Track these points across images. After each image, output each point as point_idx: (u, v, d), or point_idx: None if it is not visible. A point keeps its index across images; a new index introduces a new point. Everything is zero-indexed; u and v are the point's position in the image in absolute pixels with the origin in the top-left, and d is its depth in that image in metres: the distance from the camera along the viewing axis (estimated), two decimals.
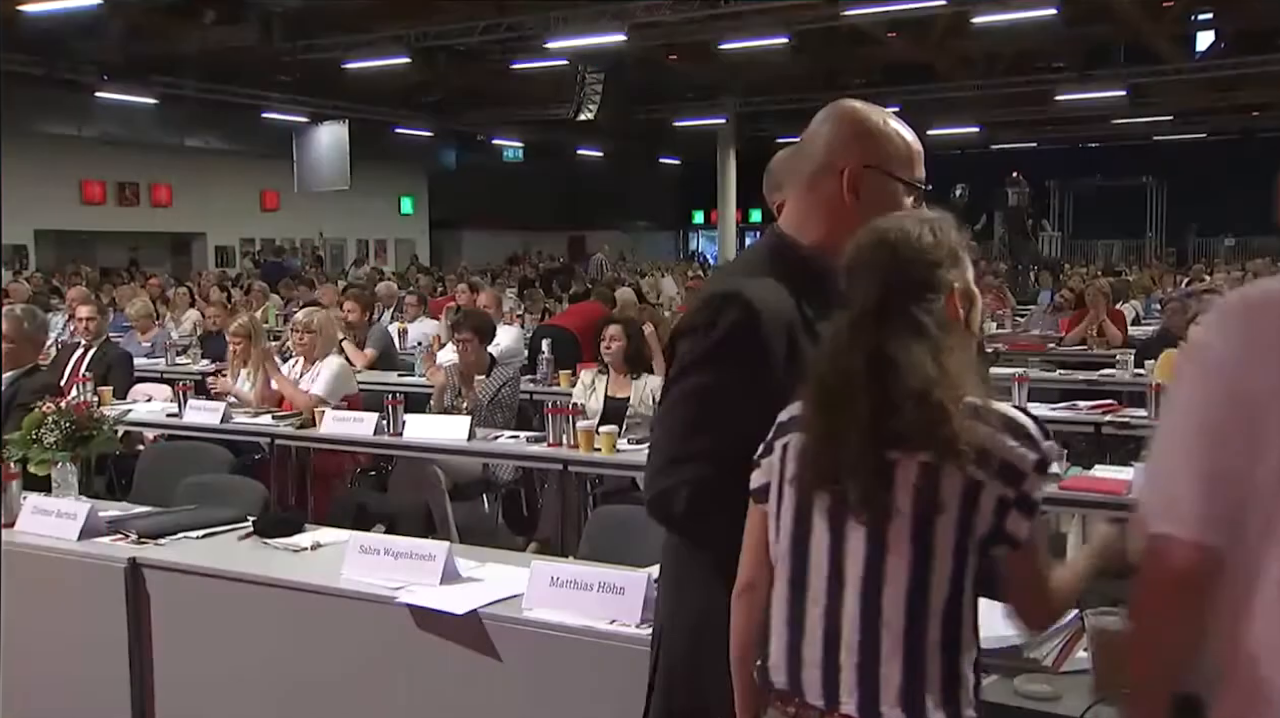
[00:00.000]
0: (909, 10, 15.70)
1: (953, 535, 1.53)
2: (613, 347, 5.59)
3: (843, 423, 1.55)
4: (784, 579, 1.63)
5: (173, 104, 20.98)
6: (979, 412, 1.54)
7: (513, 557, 3.38)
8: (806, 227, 1.86)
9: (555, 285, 14.26)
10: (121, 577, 3.14)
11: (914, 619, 1.53)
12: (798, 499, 1.62)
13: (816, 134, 1.88)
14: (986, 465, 1.52)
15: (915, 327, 1.56)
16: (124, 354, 7.02)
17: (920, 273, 1.60)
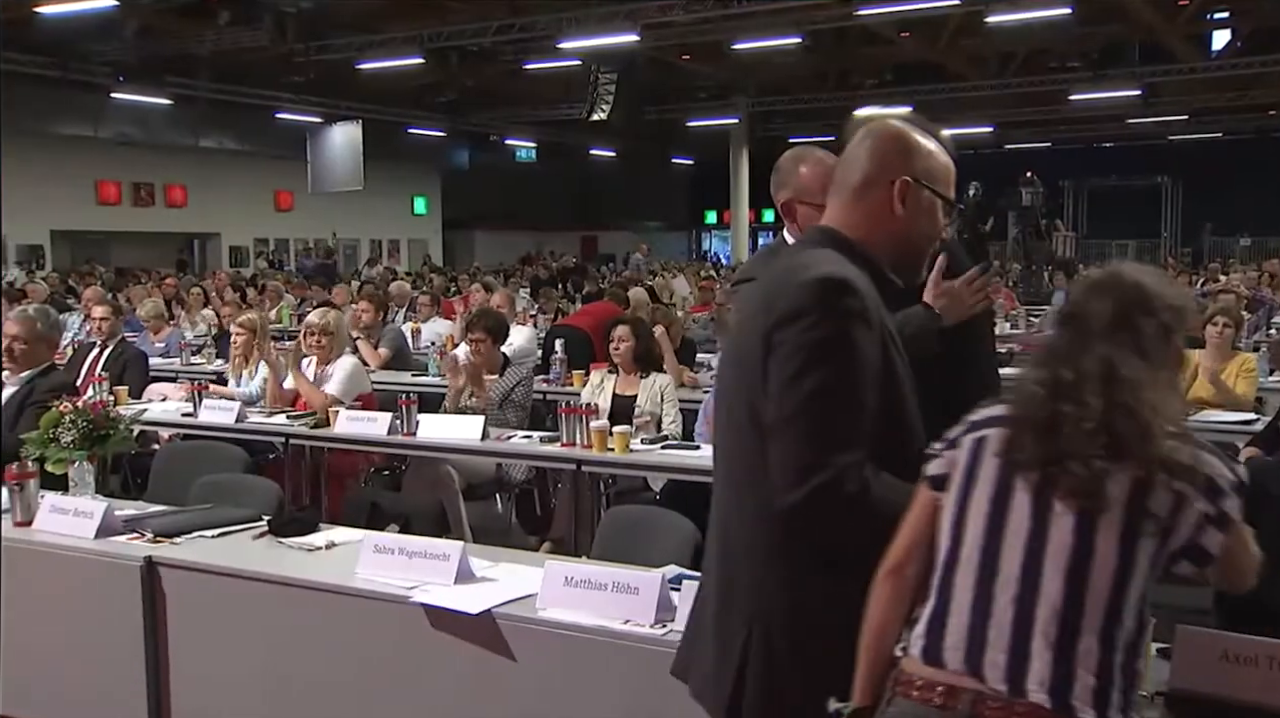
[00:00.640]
0: (921, 10, 15.65)
1: (1154, 544, 1.59)
2: (621, 347, 5.59)
3: (1074, 416, 1.61)
4: (972, 561, 1.64)
5: (187, 105, 21.08)
6: (1185, 435, 1.63)
7: (526, 557, 3.39)
8: (853, 229, 1.93)
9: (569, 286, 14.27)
10: (137, 575, 3.15)
11: (1111, 618, 1.57)
12: (996, 488, 1.66)
13: (863, 148, 1.96)
14: (1193, 482, 1.59)
15: (1141, 350, 1.66)
16: (139, 354, 7.05)
17: (1154, 307, 1.68)
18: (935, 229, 1.97)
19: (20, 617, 3.39)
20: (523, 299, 12.36)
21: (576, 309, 11.03)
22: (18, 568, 3.39)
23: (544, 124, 27.34)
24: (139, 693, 3.17)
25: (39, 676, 3.37)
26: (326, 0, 16.61)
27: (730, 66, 22.12)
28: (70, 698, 3.34)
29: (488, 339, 5.84)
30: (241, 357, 6.40)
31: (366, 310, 7.84)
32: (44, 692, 3.38)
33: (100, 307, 7.19)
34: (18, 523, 3.46)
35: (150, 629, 3.15)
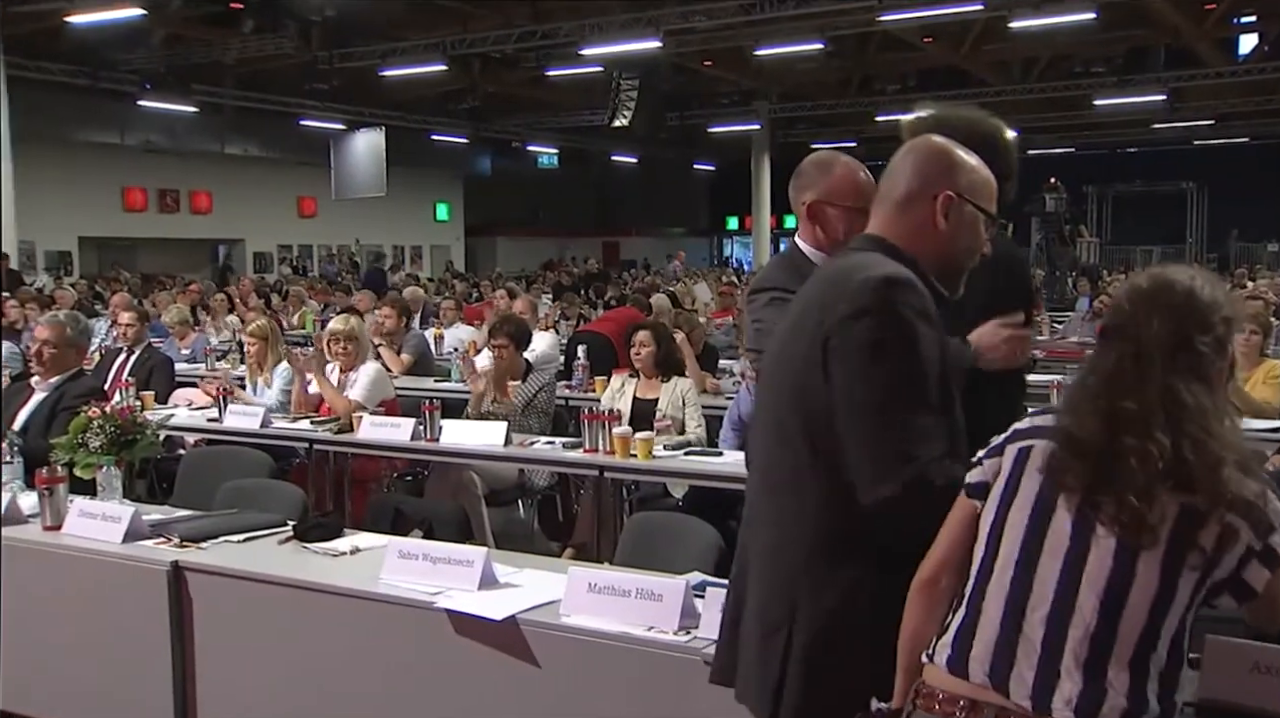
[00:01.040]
0: (945, 15, 15.60)
1: (1196, 575, 1.55)
2: (642, 352, 5.59)
3: (1139, 450, 1.56)
4: (1005, 575, 1.62)
5: (212, 112, 21.27)
6: (1244, 465, 1.58)
7: (549, 563, 3.39)
8: (899, 241, 1.95)
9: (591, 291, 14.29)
10: (164, 580, 3.18)
11: (1145, 646, 1.54)
12: (1038, 503, 1.62)
13: (906, 161, 1.99)
14: (1245, 516, 1.55)
15: (1201, 373, 1.60)
16: (165, 359, 7.11)
17: (1211, 322, 1.62)
18: (977, 243, 1.99)
19: (49, 620, 3.42)
20: (545, 305, 12.38)
21: (599, 315, 11.05)
22: (47, 571, 3.43)
23: (566, 130, 27.43)
24: (165, 697, 3.19)
25: (67, 679, 3.40)
26: (350, 8, 16.72)
27: (752, 72, 22.12)
28: (97, 701, 3.36)
29: (510, 345, 5.85)
30: (256, 364, 6.41)
31: (389, 316, 7.87)
32: (72, 695, 3.41)
33: (127, 313, 7.25)
34: (47, 527, 3.49)
35: (176, 633, 3.17)
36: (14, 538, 3.50)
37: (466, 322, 10.08)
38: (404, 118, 23.67)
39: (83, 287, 15.55)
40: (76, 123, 20.10)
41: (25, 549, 3.46)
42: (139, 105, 19.48)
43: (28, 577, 3.46)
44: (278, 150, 24.05)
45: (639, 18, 16.32)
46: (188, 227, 23.85)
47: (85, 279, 18.16)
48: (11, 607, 3.49)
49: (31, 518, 3.59)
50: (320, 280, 19.08)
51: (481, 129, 25.61)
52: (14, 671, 3.49)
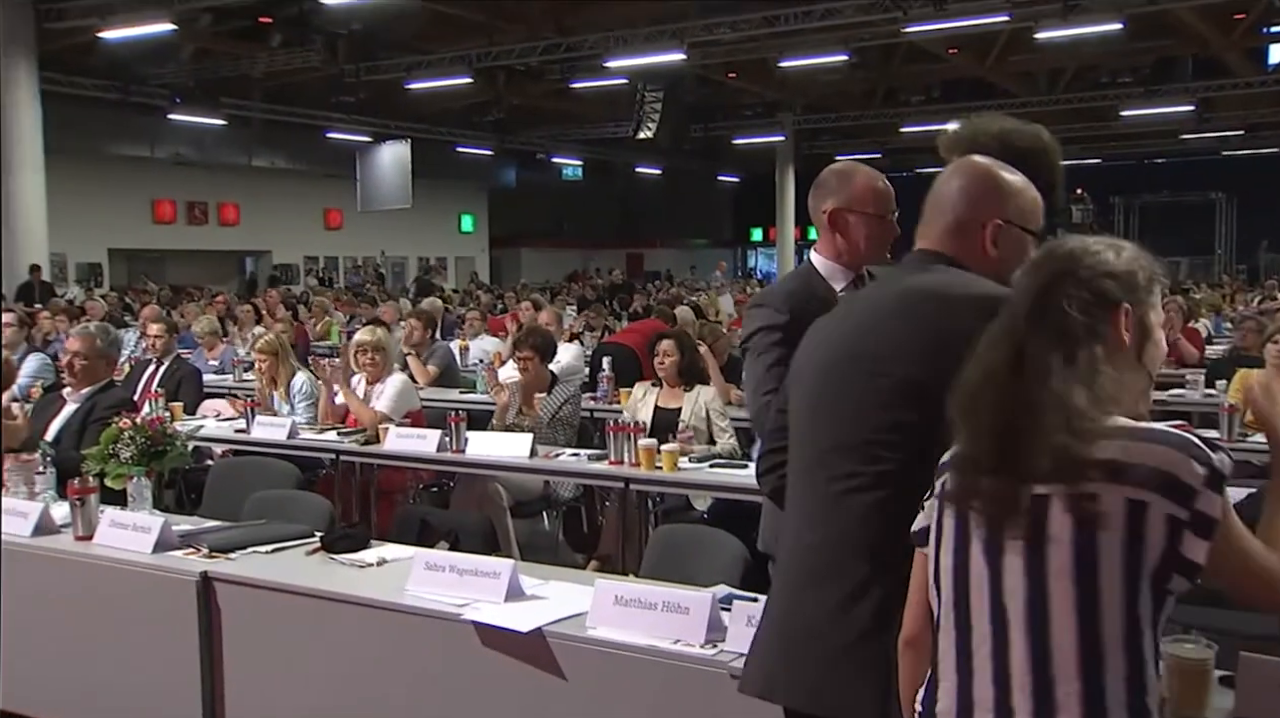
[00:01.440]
0: (971, 27, 15.56)
1: (1119, 563, 1.42)
2: (666, 362, 5.59)
3: (981, 435, 1.49)
4: (949, 620, 1.55)
5: (240, 125, 21.48)
6: (1133, 431, 1.45)
7: (576, 575, 3.39)
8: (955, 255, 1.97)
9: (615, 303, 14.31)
10: (194, 590, 3.20)
11: (1087, 659, 1.43)
12: (955, 534, 1.55)
13: (954, 187, 1.98)
14: (1146, 483, 1.41)
15: (1067, 333, 1.49)
16: (193, 371, 7.16)
17: (1088, 278, 1.52)
18: (1023, 260, 1.94)
19: (80, 629, 3.45)
20: (569, 316, 12.40)
21: (623, 327, 11.06)
22: (78, 581, 3.46)
23: (590, 142, 27.54)
24: (194, 706, 3.20)
25: (96, 687, 3.43)
26: (377, 21, 16.86)
27: (776, 84, 22.14)
28: (127, 711, 3.38)
29: (536, 357, 5.87)
30: (269, 379, 6.35)
31: (416, 328, 7.91)
32: (102, 704, 3.44)
33: (156, 324, 7.31)
34: (79, 537, 3.52)
35: (205, 644, 3.19)
36: (46, 548, 3.54)
37: (491, 333, 10.11)
38: (429, 130, 23.83)
39: (113, 298, 15.71)
40: (108, 136, 20.36)
41: (57, 559, 3.49)
42: (169, 119, 19.71)
43: (59, 586, 3.50)
44: (304, 163, 24.26)
45: (663, 30, 16.38)
46: (216, 238, 24.08)
47: (115, 291, 18.35)
48: (43, 616, 3.53)
49: (63, 528, 3.62)
50: (346, 292, 19.19)
51: (506, 141, 25.75)
52: (45, 678, 3.52)
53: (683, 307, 10.86)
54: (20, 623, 3.55)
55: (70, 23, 14.80)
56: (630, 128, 21.44)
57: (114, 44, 15.60)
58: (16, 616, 3.56)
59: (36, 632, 3.53)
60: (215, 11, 15.54)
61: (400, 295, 17.97)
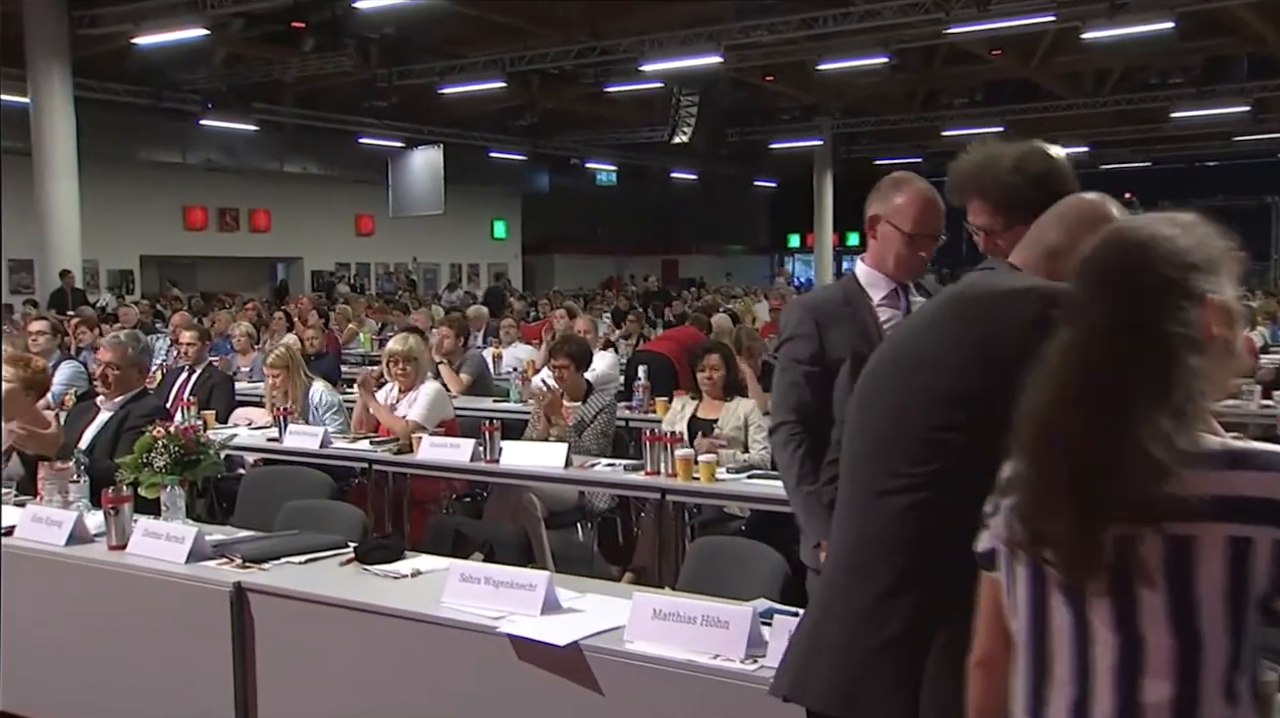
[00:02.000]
0: (1015, 28, 15.46)
1: (1222, 605, 1.30)
2: (714, 376, 5.58)
3: (1053, 474, 1.34)
4: (1025, 659, 1.44)
5: (272, 131, 21.72)
6: (1231, 456, 1.32)
7: (612, 588, 3.40)
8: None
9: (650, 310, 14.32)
10: (227, 600, 3.23)
11: (1182, 713, 1.32)
12: (1030, 575, 1.41)
13: (1058, 217, 1.96)
14: (1252, 516, 1.29)
15: (1159, 348, 1.32)
16: (225, 378, 7.25)
17: (1176, 277, 1.35)
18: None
19: (113, 639, 3.50)
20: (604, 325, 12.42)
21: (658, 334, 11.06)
22: (112, 590, 3.50)
23: (625, 147, 27.62)
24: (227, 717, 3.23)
25: (129, 697, 3.47)
26: (409, 25, 17.00)
27: (815, 87, 22.11)
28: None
29: (571, 365, 5.88)
30: (282, 394, 6.30)
31: (447, 336, 7.95)
32: (135, 714, 3.47)
33: (188, 332, 7.41)
34: (113, 547, 3.56)
35: (239, 655, 3.22)
36: (80, 557, 3.59)
37: (525, 341, 10.15)
38: (462, 135, 23.99)
39: (144, 305, 15.92)
40: (140, 142, 20.67)
41: (91, 568, 3.54)
42: (200, 125, 19.98)
43: (93, 596, 3.54)
44: (336, 168, 24.48)
45: (699, 33, 16.40)
46: (247, 245, 24.34)
47: (147, 298, 18.59)
48: (76, 625, 3.57)
49: (97, 537, 3.67)
50: (377, 299, 19.33)
51: (540, 146, 25.87)
52: (77, 688, 3.57)
53: (720, 314, 10.85)
54: (53, 632, 3.60)
55: (104, 29, 15.04)
56: (665, 132, 21.49)
57: (147, 49, 15.85)
58: (49, 624, 3.62)
59: (69, 641, 3.58)
60: (247, 16, 15.74)
61: (433, 302, 18.08)
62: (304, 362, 6.79)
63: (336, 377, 8.34)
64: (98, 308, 14.43)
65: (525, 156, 26.37)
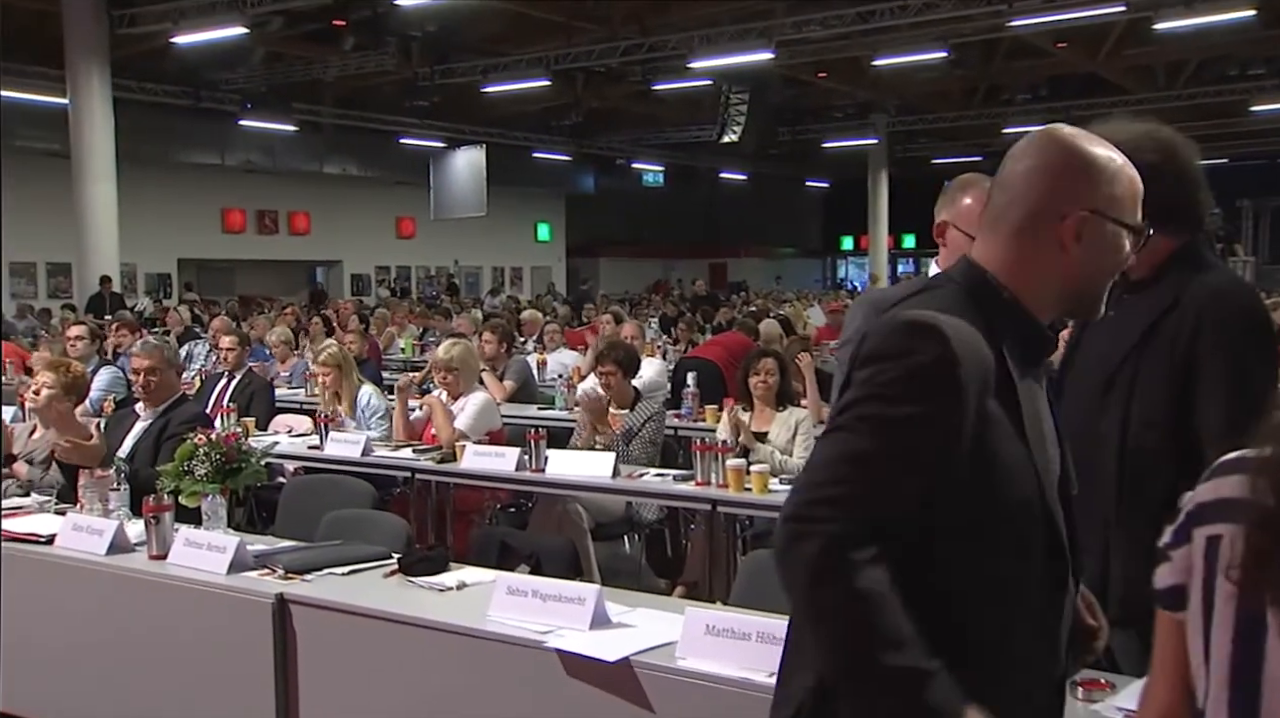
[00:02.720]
0: (1082, 19, 15.26)
1: None
2: (769, 381, 5.57)
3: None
4: (1224, 713, 1.31)
5: (311, 131, 21.99)
6: None
7: (663, 602, 3.39)
8: (1009, 271, 1.71)
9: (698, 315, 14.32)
10: (269, 612, 3.26)
11: None
12: (1240, 615, 1.29)
13: (1026, 166, 1.72)
14: None
15: None
16: (265, 384, 7.35)
17: None
18: (1120, 261, 1.72)
19: (152, 650, 3.55)
20: (651, 331, 12.43)
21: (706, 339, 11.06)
22: (152, 600, 3.56)
23: (672, 147, 27.65)
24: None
25: (169, 710, 3.51)
26: (452, 23, 17.14)
27: (869, 84, 22.01)
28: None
29: (618, 372, 5.89)
30: (333, 394, 6.35)
31: (490, 342, 7.98)
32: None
33: (228, 337, 7.51)
34: (153, 556, 3.62)
35: (281, 667, 3.25)
36: (120, 566, 3.64)
37: (570, 346, 10.17)
38: (505, 135, 24.14)
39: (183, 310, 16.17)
40: (178, 144, 21.01)
41: (131, 578, 3.59)
42: (239, 125, 20.27)
43: (133, 605, 3.59)
44: (376, 169, 24.73)
45: (750, 28, 16.40)
46: (286, 248, 24.64)
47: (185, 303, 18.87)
48: (116, 635, 3.63)
49: (138, 546, 3.72)
50: (418, 303, 19.49)
51: (585, 146, 25.97)
52: (116, 699, 3.62)
53: (769, 320, 10.82)
54: (94, 642, 3.66)
55: (142, 28, 15.30)
56: (714, 131, 21.49)
57: (185, 49, 16.11)
58: (90, 634, 3.68)
59: (108, 651, 3.64)
60: (287, 14, 15.95)
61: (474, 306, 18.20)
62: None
63: (378, 383, 8.40)
64: (135, 312, 14.66)
65: (570, 157, 26.48)
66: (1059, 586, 1.67)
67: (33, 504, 4.38)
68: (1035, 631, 1.66)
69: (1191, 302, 2.40)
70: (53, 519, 4.05)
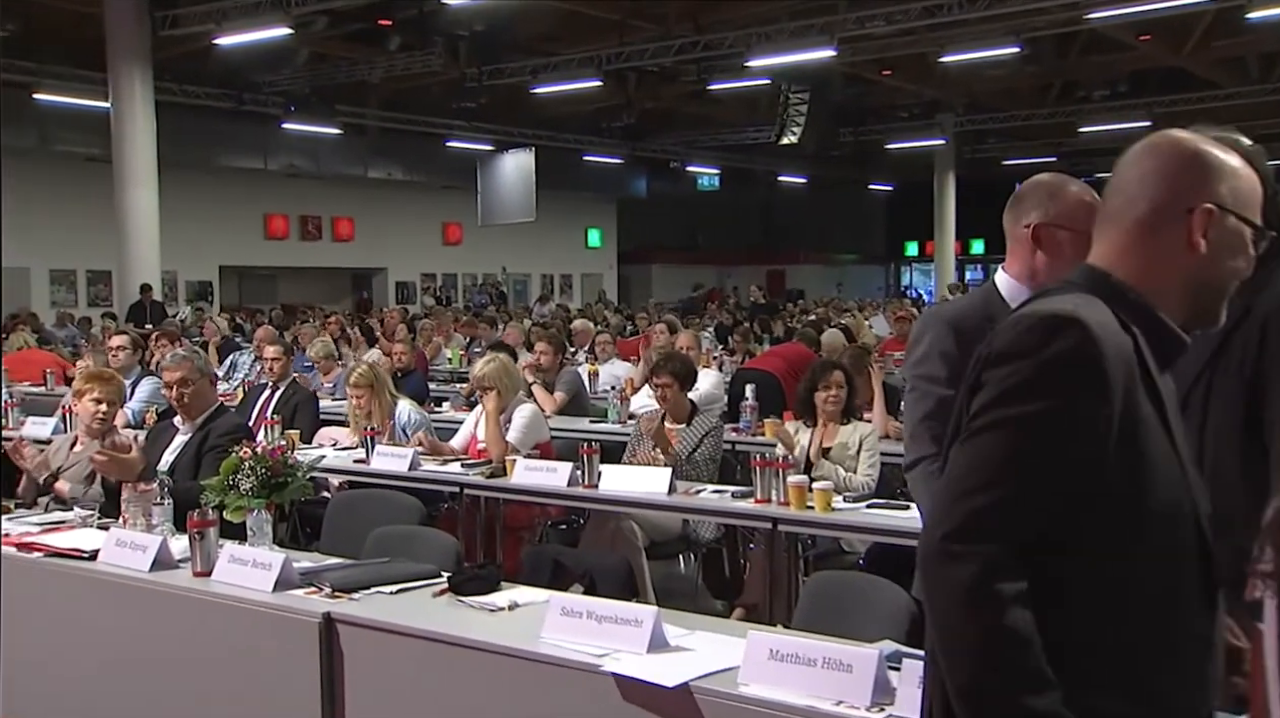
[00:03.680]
0: (1167, 8, 14.95)
1: None
2: (839, 395, 5.54)
3: None
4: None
5: (356, 134, 22.24)
6: None
7: (723, 624, 3.39)
8: (1132, 273, 1.73)
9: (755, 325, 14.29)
10: (316, 632, 3.29)
11: None
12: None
13: (1143, 168, 1.76)
14: None
15: None
16: (309, 396, 7.42)
17: None
18: (1242, 266, 1.75)
19: (196, 670, 3.60)
20: (706, 340, 12.42)
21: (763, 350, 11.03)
22: (196, 619, 3.61)
23: (729, 149, 27.63)
24: None
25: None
26: (500, 22, 17.26)
27: (936, 82, 21.86)
28: None
29: (675, 384, 5.90)
30: (365, 414, 6.38)
31: (545, 353, 8.01)
32: None
33: (272, 347, 7.61)
34: (197, 573, 3.67)
35: (328, 689, 3.28)
36: (164, 583, 3.70)
37: (622, 357, 10.19)
38: (555, 137, 24.27)
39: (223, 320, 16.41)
40: (220, 148, 21.35)
41: (175, 595, 3.64)
42: (282, 128, 20.54)
43: (176, 623, 3.65)
44: (422, 174, 24.96)
45: (810, 24, 16.36)
46: (329, 255, 24.91)
47: (225, 312, 19.15)
48: (160, 654, 3.68)
49: (181, 563, 3.77)
50: (465, 312, 19.63)
51: (637, 148, 26.04)
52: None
53: (832, 329, 10.76)
54: (134, 660, 3.72)
55: (185, 29, 15.57)
56: (772, 133, 21.45)
57: (227, 50, 16.36)
58: (130, 652, 3.73)
59: (151, 670, 3.69)
60: (332, 14, 16.16)
61: (524, 315, 18.29)
62: (390, 379, 6.91)
63: (425, 395, 8.47)
64: (178, 321, 14.90)
65: (622, 160, 26.56)
66: (1210, 603, 1.66)
67: (75, 519, 4.46)
68: (1186, 654, 1.64)
69: (1259, 312, 2.37)
70: (96, 534, 4.12)
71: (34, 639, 3.95)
